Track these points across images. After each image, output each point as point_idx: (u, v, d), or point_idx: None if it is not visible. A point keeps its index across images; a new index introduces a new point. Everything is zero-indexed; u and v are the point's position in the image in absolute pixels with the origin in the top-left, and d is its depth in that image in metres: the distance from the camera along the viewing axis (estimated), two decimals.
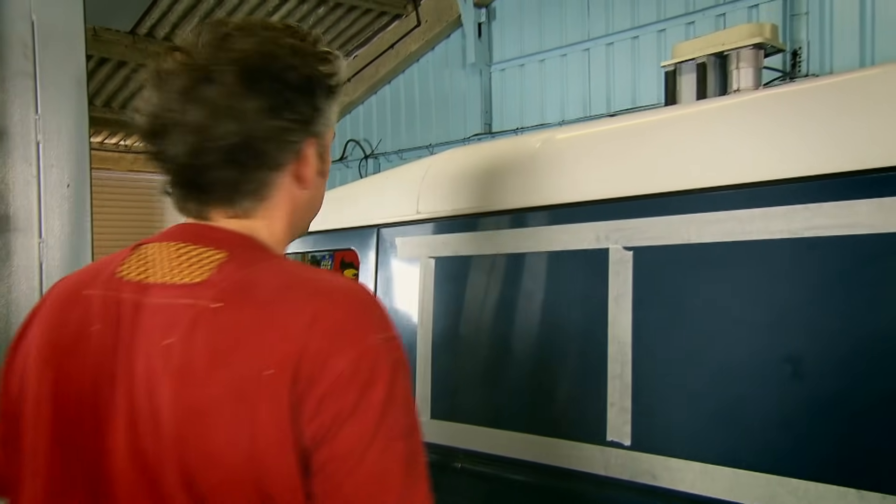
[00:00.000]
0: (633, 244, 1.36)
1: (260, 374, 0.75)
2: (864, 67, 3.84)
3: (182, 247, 0.84)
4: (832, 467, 1.07)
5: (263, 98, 0.82)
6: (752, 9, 4.85)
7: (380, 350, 0.77)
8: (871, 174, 1.06)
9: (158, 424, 0.78)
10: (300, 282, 0.81)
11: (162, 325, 0.80)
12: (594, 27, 5.74)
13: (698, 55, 3.54)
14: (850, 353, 1.07)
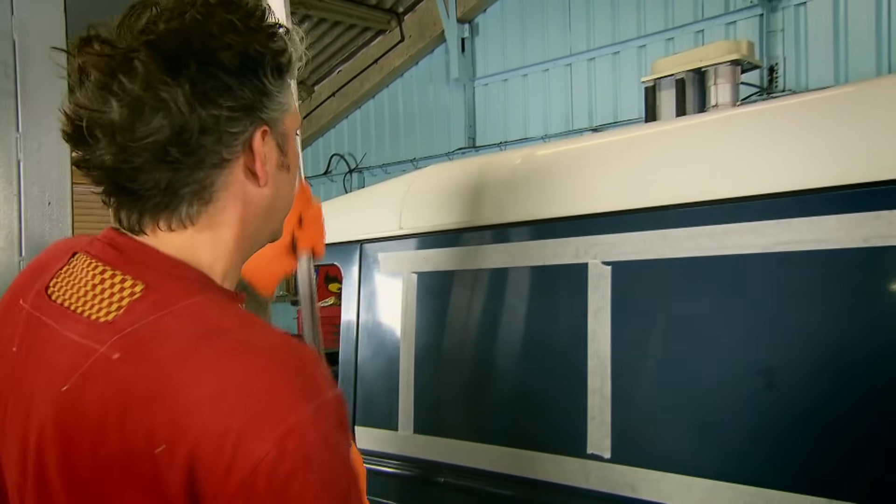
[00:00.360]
0: (611, 259, 1.38)
1: (152, 451, 0.63)
2: (836, 86, 3.93)
3: (102, 269, 0.74)
4: (803, 478, 1.09)
5: (192, 83, 0.69)
6: (730, 25, 4.95)
7: (307, 426, 0.63)
8: (838, 191, 1.09)
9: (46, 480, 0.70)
10: (216, 335, 0.68)
11: (65, 367, 0.69)
12: (576, 42, 5.82)
13: (677, 71, 3.61)
14: (820, 366, 1.10)
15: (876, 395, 1.04)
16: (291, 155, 0.81)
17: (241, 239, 0.78)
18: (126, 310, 0.70)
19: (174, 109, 0.68)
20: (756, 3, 4.71)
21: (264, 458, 0.61)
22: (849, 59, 4.39)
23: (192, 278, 0.74)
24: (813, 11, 4.56)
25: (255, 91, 0.72)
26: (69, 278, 0.76)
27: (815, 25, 4.54)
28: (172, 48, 0.69)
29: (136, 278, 0.72)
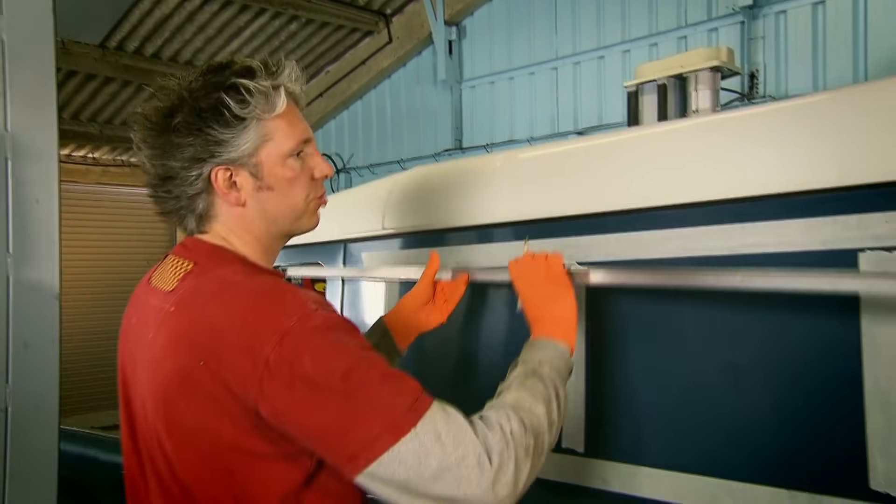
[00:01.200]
0: (586, 260, 1.43)
1: (197, 365, 0.94)
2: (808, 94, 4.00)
3: (175, 259, 1.09)
4: (765, 470, 1.14)
5: (151, 148, 1.05)
6: (712, 32, 5.03)
7: (293, 329, 0.91)
8: (804, 196, 1.14)
9: (145, 397, 1.03)
10: (228, 287, 1.00)
11: (150, 324, 1.04)
12: (562, 46, 5.88)
13: (659, 76, 3.67)
14: (780, 365, 1.15)
15: (830, 392, 1.09)
16: (273, 177, 1.07)
17: (254, 238, 1.11)
18: (181, 280, 1.05)
19: (146, 166, 1.08)
20: (738, 11, 4.79)
21: (269, 356, 0.90)
22: (827, 66, 4.48)
23: (227, 257, 1.08)
24: (793, 19, 4.64)
25: (205, 143, 1.03)
26: (161, 270, 1.11)
27: (794, 33, 4.63)
28: (144, 123, 1.06)
29: (189, 260, 1.07)
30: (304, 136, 1.11)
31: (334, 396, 0.89)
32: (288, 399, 0.90)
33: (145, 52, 6.39)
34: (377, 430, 0.88)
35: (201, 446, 0.96)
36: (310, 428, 0.91)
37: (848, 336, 1.08)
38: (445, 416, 0.92)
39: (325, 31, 6.89)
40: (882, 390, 1.04)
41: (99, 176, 8.18)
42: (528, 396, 1.02)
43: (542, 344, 1.14)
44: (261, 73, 1.06)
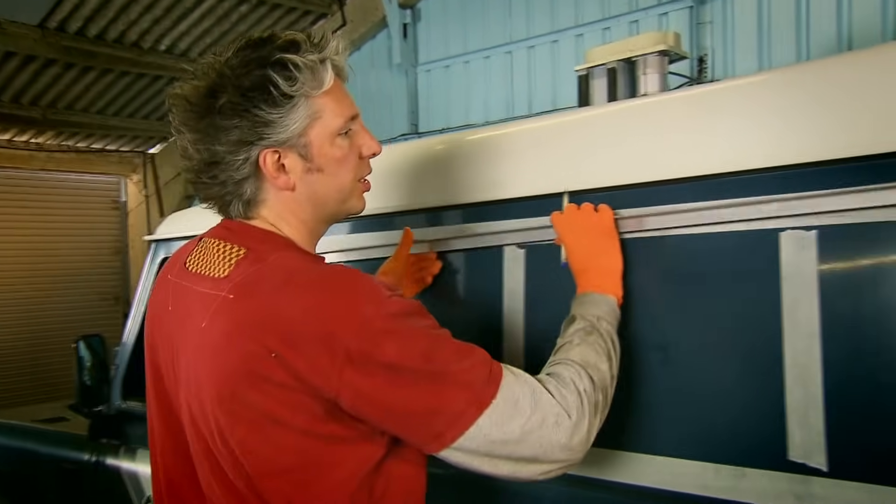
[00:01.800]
0: (524, 242, 1.44)
1: (268, 355, 0.90)
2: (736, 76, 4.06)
3: (219, 244, 1.03)
4: (691, 445, 1.17)
5: (194, 132, 1.00)
6: (663, 17, 5.08)
7: (373, 317, 0.90)
8: (729, 177, 1.17)
9: (199, 388, 0.97)
10: (297, 274, 0.95)
11: (200, 311, 0.98)
12: (516, 30, 5.87)
13: (608, 60, 3.70)
14: (703, 341, 1.18)
15: (753, 367, 1.13)
16: (322, 158, 1.03)
17: (301, 223, 1.07)
18: (235, 266, 0.99)
19: (188, 151, 1.02)
20: None
21: (350, 345, 0.89)
22: (772, 50, 4.58)
23: (278, 241, 1.04)
24: (739, 4, 4.72)
25: (252, 125, 0.97)
26: (200, 254, 1.05)
27: (741, 18, 4.71)
28: (183, 105, 1.00)
29: (240, 245, 1.01)
30: (352, 112, 1.07)
31: (418, 379, 0.90)
32: (371, 386, 0.89)
33: (88, 34, 6.15)
34: (462, 405, 0.91)
35: (272, 436, 0.93)
36: (394, 412, 0.91)
37: (770, 312, 1.11)
38: (518, 380, 0.96)
39: (278, 13, 6.74)
40: (801, 364, 1.08)
41: (44, 162, 7.90)
42: (593, 353, 1.06)
43: (596, 299, 1.17)
44: (306, 46, 1.00)
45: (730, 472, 1.14)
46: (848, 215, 1.06)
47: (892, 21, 4.14)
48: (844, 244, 1.06)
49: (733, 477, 1.13)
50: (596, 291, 1.18)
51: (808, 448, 1.06)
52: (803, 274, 1.08)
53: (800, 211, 1.09)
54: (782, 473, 1.08)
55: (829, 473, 1.04)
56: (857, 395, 1.03)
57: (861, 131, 1.05)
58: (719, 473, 1.15)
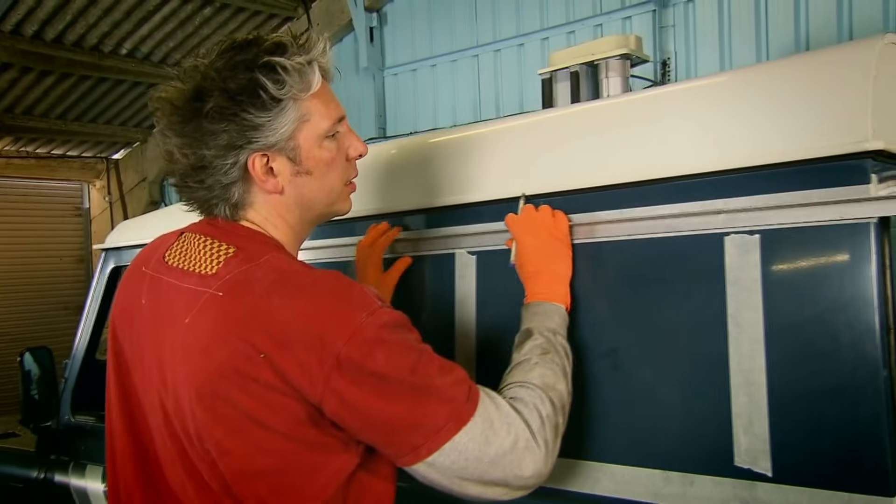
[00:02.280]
0: (476, 249, 1.41)
1: (256, 357, 0.89)
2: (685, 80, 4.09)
3: (204, 240, 1.02)
4: (642, 452, 1.16)
5: (181, 136, 0.98)
6: (626, 20, 5.12)
7: (365, 325, 0.90)
8: (675, 181, 1.16)
9: (177, 385, 0.95)
10: (290, 277, 0.94)
11: (184, 307, 0.96)
12: (482, 34, 5.88)
13: (572, 64, 3.72)
14: (652, 347, 1.16)
15: (700, 373, 1.12)
16: (311, 160, 1.02)
17: (287, 225, 1.06)
18: (224, 264, 0.97)
19: (174, 156, 1.00)
20: (649, 0, 4.90)
21: (341, 352, 0.88)
22: (733, 53, 4.64)
23: (267, 242, 1.03)
24: (700, 8, 4.78)
25: (240, 129, 0.96)
26: (182, 249, 1.03)
27: (702, 21, 4.76)
28: (168, 109, 0.98)
29: (228, 243, 1.00)
30: (339, 114, 1.06)
31: (403, 391, 0.90)
32: (357, 394, 0.89)
33: (45, 37, 6.01)
34: (442, 420, 0.91)
35: (252, 437, 0.92)
36: (376, 421, 0.91)
37: (715, 317, 1.10)
38: (494, 401, 0.96)
39: (242, 17, 6.67)
40: (745, 370, 1.07)
41: (2, 168, 7.72)
42: (552, 374, 1.06)
43: (548, 309, 1.16)
44: (292, 48, 0.99)
45: (679, 479, 1.12)
46: (792, 219, 1.05)
47: (848, 24, 4.22)
48: (789, 248, 1.06)
49: (682, 484, 1.12)
50: (547, 300, 1.17)
51: (753, 454, 1.05)
52: (747, 278, 1.08)
53: (743, 215, 1.09)
54: (729, 479, 1.07)
55: (773, 479, 1.03)
56: (800, 399, 1.03)
57: (803, 135, 1.04)
58: (669, 480, 1.13)
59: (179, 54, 6.89)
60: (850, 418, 1.00)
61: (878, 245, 1.00)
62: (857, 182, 1.00)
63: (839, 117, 1.01)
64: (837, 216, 1.02)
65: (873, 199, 0.99)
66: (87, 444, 2.07)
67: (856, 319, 1.00)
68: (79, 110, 7.31)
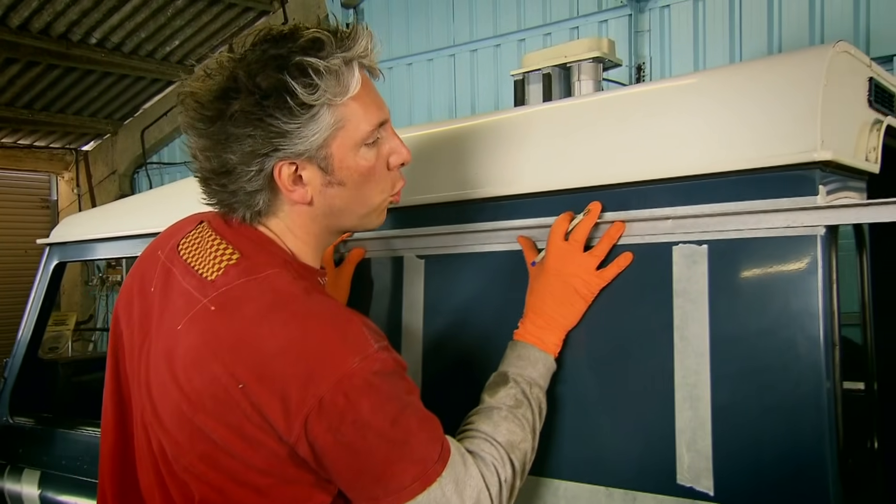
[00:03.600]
0: (424, 252, 1.37)
1: (235, 386, 0.83)
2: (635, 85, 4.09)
3: (216, 238, 0.96)
4: (585, 468, 1.12)
5: (207, 138, 0.90)
6: (603, 24, 5.11)
7: (355, 373, 0.83)
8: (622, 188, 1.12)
9: (151, 396, 0.92)
10: (287, 302, 0.87)
11: (181, 310, 0.91)
12: (459, 34, 5.83)
13: (544, 66, 3.68)
14: (604, 361, 1.13)
15: (645, 387, 1.08)
16: (345, 171, 0.93)
17: (311, 235, 0.98)
18: (223, 272, 0.91)
19: (199, 157, 0.93)
20: (625, 4, 4.89)
21: (324, 397, 0.82)
22: (707, 59, 4.65)
23: (278, 254, 0.95)
24: (675, 14, 4.78)
25: (266, 136, 0.88)
26: (195, 241, 0.97)
27: (677, 26, 4.77)
28: (193, 106, 0.91)
29: (235, 248, 0.94)
30: (380, 118, 0.96)
31: (380, 444, 0.85)
32: (332, 440, 0.84)
33: (10, 24, 5.86)
34: (409, 479, 0.86)
35: (228, 469, 0.87)
36: (346, 469, 0.86)
37: (662, 329, 1.07)
38: (462, 461, 0.91)
39: (217, 9, 6.56)
40: (690, 384, 1.04)
41: None
42: (520, 431, 1.00)
43: (535, 357, 1.08)
44: (331, 45, 0.88)
45: (622, 496, 1.09)
46: (739, 228, 1.02)
47: (820, 30, 4.24)
48: (736, 258, 1.03)
49: (624, 501, 1.08)
50: (536, 345, 1.09)
51: (695, 471, 1.02)
52: (694, 290, 1.04)
53: (691, 223, 1.06)
54: (671, 498, 1.04)
55: (715, 498, 1.00)
56: (744, 415, 1.00)
57: (752, 144, 1.01)
58: (612, 497, 1.10)
59: (151, 45, 6.76)
60: (792, 436, 0.97)
61: (825, 256, 0.97)
62: (805, 192, 0.98)
63: (788, 126, 0.98)
64: (785, 226, 0.99)
65: (821, 209, 0.96)
66: (25, 447, 1.99)
67: (801, 334, 0.97)
68: (46, 100, 7.15)
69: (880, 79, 1.20)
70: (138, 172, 8.30)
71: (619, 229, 1.10)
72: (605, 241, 1.10)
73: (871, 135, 1.10)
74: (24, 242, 8.13)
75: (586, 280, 1.09)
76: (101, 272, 8.00)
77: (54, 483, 1.91)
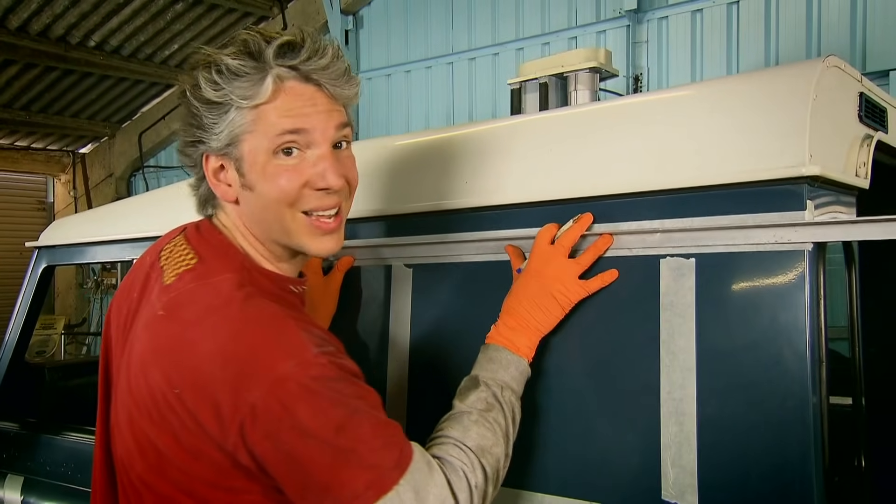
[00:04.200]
0: (413, 262, 1.36)
1: (171, 391, 0.83)
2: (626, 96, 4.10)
3: (184, 245, 0.97)
4: (568, 482, 1.11)
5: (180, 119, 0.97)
6: (601, 34, 5.12)
7: (289, 377, 0.81)
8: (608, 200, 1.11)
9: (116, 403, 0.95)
10: (224, 305, 0.86)
11: (145, 314, 0.93)
12: (458, 42, 5.84)
13: (541, 75, 3.68)
14: (589, 375, 1.11)
15: (631, 402, 1.07)
16: (252, 174, 0.93)
17: (257, 239, 0.98)
18: (179, 277, 0.92)
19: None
20: (623, 14, 4.90)
21: (256, 404, 0.80)
22: (704, 70, 4.66)
23: (235, 258, 0.95)
24: (674, 25, 4.79)
25: (190, 126, 0.94)
26: (173, 248, 0.98)
27: (675, 38, 4.78)
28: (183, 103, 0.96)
29: (196, 253, 0.94)
30: (292, 127, 0.91)
31: (323, 451, 0.81)
32: (272, 448, 0.81)
33: (9, 25, 5.86)
34: (361, 487, 0.82)
35: (175, 477, 0.86)
36: (290, 478, 0.83)
37: (649, 343, 1.06)
38: (427, 468, 0.86)
39: (216, 14, 6.57)
40: (676, 399, 1.03)
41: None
42: (490, 435, 0.96)
43: (507, 360, 1.05)
44: (255, 47, 0.90)
45: None
46: (727, 242, 1.01)
47: (817, 43, 4.25)
48: (724, 272, 1.02)
49: None
50: (510, 349, 1.06)
51: (680, 487, 1.01)
52: (681, 303, 1.03)
53: (679, 237, 1.05)
54: None
55: None
56: (730, 431, 0.99)
57: (740, 158, 1.01)
58: None
59: (150, 49, 6.77)
60: (778, 452, 0.95)
61: (813, 272, 0.96)
62: (793, 207, 0.97)
63: (777, 141, 0.98)
64: (772, 241, 0.98)
65: (809, 225, 0.96)
66: (9, 452, 1.97)
67: (788, 349, 0.96)
68: (44, 102, 7.14)
69: (871, 94, 1.19)
70: (135, 175, 8.29)
71: (606, 241, 1.09)
72: (592, 251, 1.09)
73: (862, 150, 1.09)
74: (20, 244, 8.10)
75: (566, 286, 1.08)
76: (96, 275, 7.97)
77: (37, 489, 1.89)
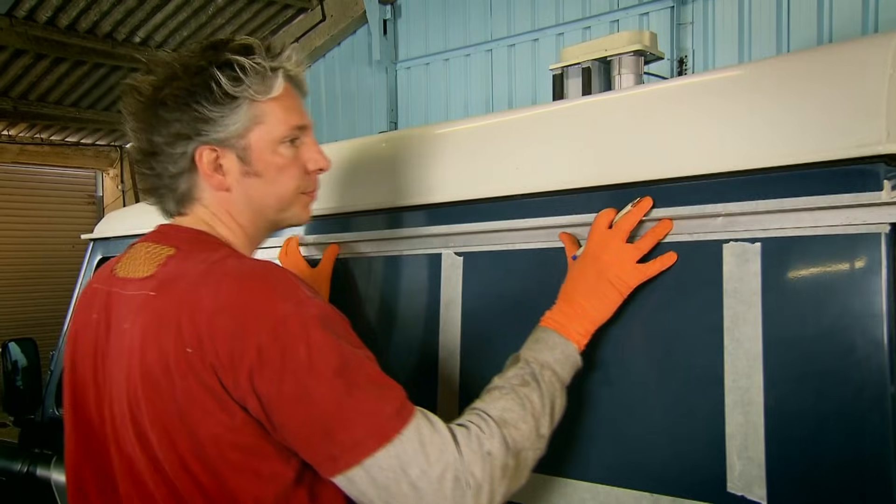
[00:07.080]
0: (463, 250, 1.34)
1: (184, 351, 0.87)
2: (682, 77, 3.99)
3: (150, 246, 1.02)
4: (630, 473, 1.09)
5: (142, 122, 1.00)
6: (644, 17, 5.01)
7: (289, 317, 0.85)
8: (671, 183, 1.08)
9: (120, 394, 0.95)
10: (217, 268, 0.92)
11: (125, 313, 0.97)
12: (496, 29, 5.79)
13: (583, 59, 3.62)
14: (650, 363, 1.08)
15: (694, 392, 1.04)
16: (261, 163, 1.02)
17: (239, 226, 1.05)
18: (162, 264, 0.97)
19: (132, 139, 1.02)
20: None
21: (262, 346, 0.84)
22: (752, 52, 4.52)
23: (211, 242, 1.01)
24: (720, 6, 4.66)
25: (191, 120, 0.98)
26: (129, 259, 1.03)
27: (721, 19, 4.64)
28: (133, 94, 1.01)
29: (170, 245, 1.00)
30: (299, 123, 1.05)
31: (323, 393, 0.84)
32: (276, 391, 0.84)
33: (59, 24, 6.01)
34: (361, 433, 0.83)
35: (190, 440, 0.89)
36: (293, 422, 0.85)
37: (712, 330, 1.02)
38: (430, 425, 0.86)
39: (256, 6, 6.63)
40: (741, 388, 0.99)
41: (16, 155, 7.76)
42: (518, 409, 0.93)
43: (553, 342, 1.02)
44: (259, 52, 1.01)
45: (668, 503, 1.05)
46: (796, 225, 0.97)
47: (874, 20, 4.08)
48: (791, 257, 0.98)
49: None
50: (559, 332, 1.03)
51: (747, 479, 0.97)
52: (746, 290, 1.00)
53: (744, 220, 1.01)
54: None
55: None
56: (800, 421, 0.95)
57: (811, 137, 0.96)
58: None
59: (193, 43, 6.87)
60: (853, 444, 0.91)
61: (890, 255, 0.91)
62: (869, 188, 0.92)
63: (850, 118, 0.93)
64: (846, 223, 0.93)
65: (885, 205, 0.91)
66: (59, 435, 2.02)
67: (862, 336, 0.92)
68: (92, 98, 7.32)
69: None
70: None
71: (666, 227, 1.06)
72: (651, 237, 1.06)
73: None
74: (71, 237, 8.35)
75: (624, 271, 1.04)
76: None
77: None
